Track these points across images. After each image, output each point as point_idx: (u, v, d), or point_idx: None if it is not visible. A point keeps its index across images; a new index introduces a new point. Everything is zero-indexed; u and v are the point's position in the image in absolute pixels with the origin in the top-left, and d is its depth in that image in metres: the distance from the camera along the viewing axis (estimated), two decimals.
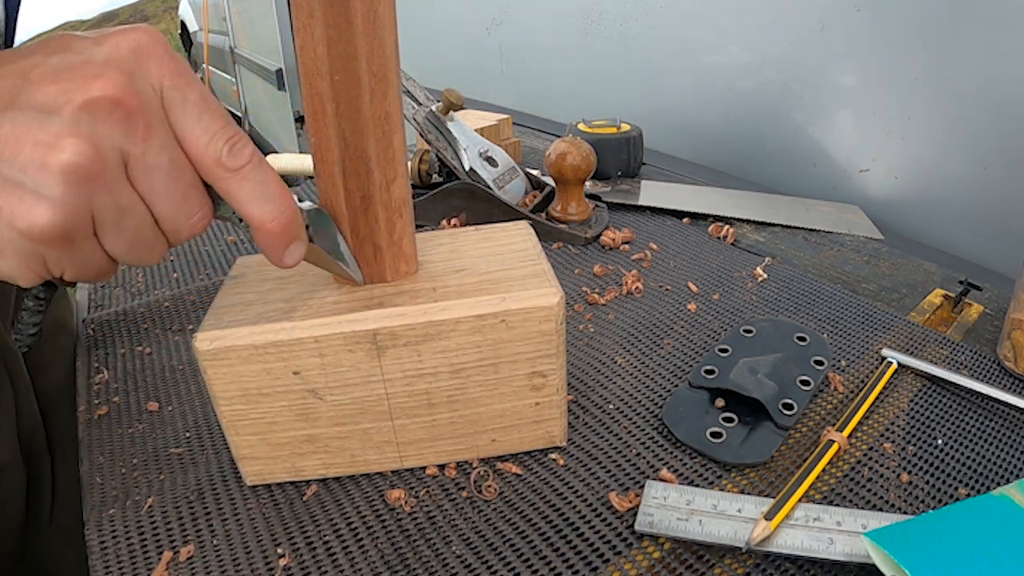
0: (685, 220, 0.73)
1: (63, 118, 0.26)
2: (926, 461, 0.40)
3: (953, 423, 0.43)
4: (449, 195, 0.71)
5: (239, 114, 3.19)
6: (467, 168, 0.70)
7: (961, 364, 0.49)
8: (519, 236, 0.42)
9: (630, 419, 0.44)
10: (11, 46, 0.50)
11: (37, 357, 0.59)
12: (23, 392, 0.56)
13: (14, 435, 0.54)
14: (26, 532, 0.55)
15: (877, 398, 0.45)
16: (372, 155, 0.35)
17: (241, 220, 0.31)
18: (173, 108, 0.28)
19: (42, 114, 0.26)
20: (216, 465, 0.43)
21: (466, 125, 0.73)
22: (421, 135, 0.72)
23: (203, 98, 0.28)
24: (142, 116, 0.27)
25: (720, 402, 0.44)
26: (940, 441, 0.42)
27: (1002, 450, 0.41)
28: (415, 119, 0.71)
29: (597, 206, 0.73)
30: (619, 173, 0.85)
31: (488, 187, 0.69)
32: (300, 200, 0.33)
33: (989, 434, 0.42)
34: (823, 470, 0.39)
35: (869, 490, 0.38)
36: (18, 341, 0.33)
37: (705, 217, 0.73)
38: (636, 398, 0.46)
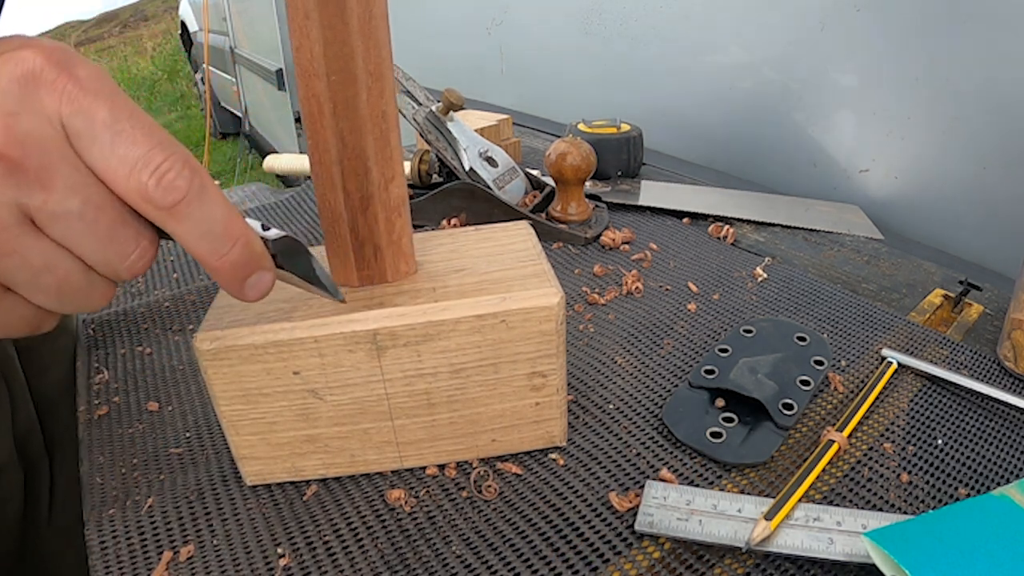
0: (685, 220, 0.73)
1: None
2: (926, 461, 0.40)
3: (953, 423, 0.43)
4: (449, 195, 0.71)
5: (239, 114, 3.19)
6: (467, 168, 0.70)
7: (961, 364, 0.49)
8: (519, 236, 0.42)
9: (630, 419, 0.44)
10: None
11: (35, 358, 0.59)
12: (19, 393, 0.56)
13: (10, 436, 0.54)
14: (25, 532, 0.55)
15: (877, 398, 0.45)
16: (370, 154, 0.35)
17: None
18: (80, 139, 0.23)
19: None
20: (216, 465, 0.43)
21: (466, 125, 0.73)
22: (421, 135, 0.72)
23: (116, 118, 0.23)
24: (32, 162, 0.23)
25: (720, 402, 0.44)
26: (940, 441, 0.42)
27: (1002, 450, 0.41)
28: (415, 119, 0.71)
29: (597, 206, 0.73)
30: (619, 173, 0.85)
31: (488, 187, 0.69)
32: (266, 228, 0.30)
33: (989, 434, 0.42)
34: (823, 470, 0.39)
35: (869, 490, 0.38)
36: None
37: (705, 217, 0.73)
38: (636, 398, 0.46)
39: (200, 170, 0.25)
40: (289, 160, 0.92)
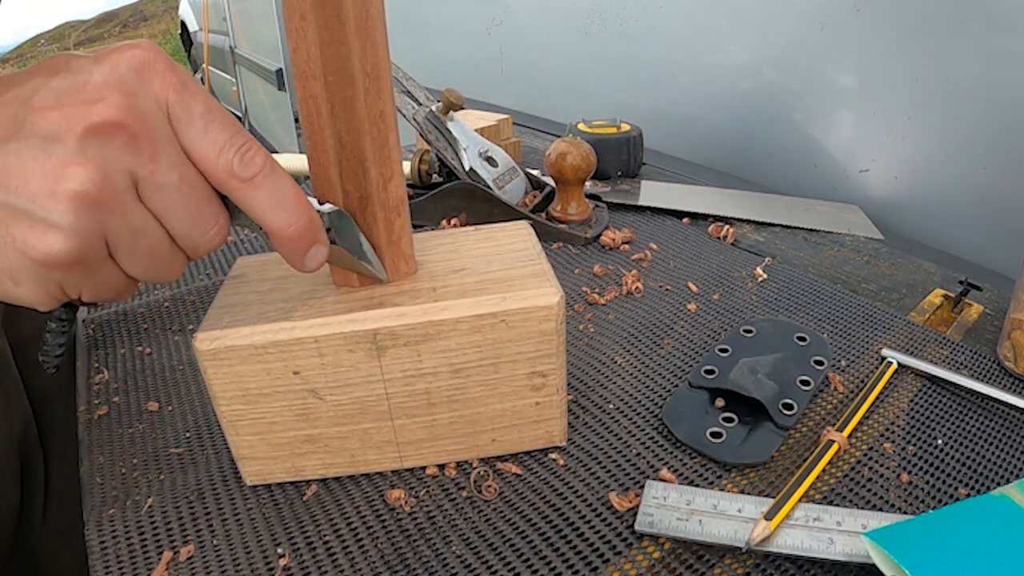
0: (685, 220, 0.73)
1: (67, 146, 0.26)
2: (926, 461, 0.40)
3: (953, 423, 0.43)
4: (449, 195, 0.71)
5: (239, 114, 3.20)
6: (467, 168, 0.70)
7: (961, 364, 0.49)
8: (519, 236, 0.42)
9: (630, 419, 0.44)
10: None
11: (29, 355, 0.59)
12: (13, 391, 0.56)
13: (7, 432, 0.54)
14: (19, 529, 0.56)
15: (877, 398, 0.45)
16: (369, 154, 0.35)
17: (261, 228, 0.31)
18: (180, 123, 0.28)
19: (47, 142, 0.26)
20: (216, 465, 0.43)
21: (466, 125, 0.73)
22: (421, 135, 0.72)
23: (209, 109, 0.28)
24: (147, 136, 0.27)
25: (720, 402, 0.44)
26: (940, 441, 0.42)
27: (1002, 450, 0.41)
28: (415, 119, 0.71)
29: (597, 206, 0.73)
30: (619, 173, 0.85)
31: (488, 187, 0.69)
32: (320, 203, 0.33)
33: (989, 434, 0.42)
34: (823, 470, 0.39)
35: (869, 490, 0.38)
36: (45, 363, 0.33)
37: (705, 217, 0.73)
38: (636, 398, 0.46)
39: (270, 155, 0.30)
40: (289, 160, 0.92)
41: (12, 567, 0.55)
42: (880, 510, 0.37)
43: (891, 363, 0.47)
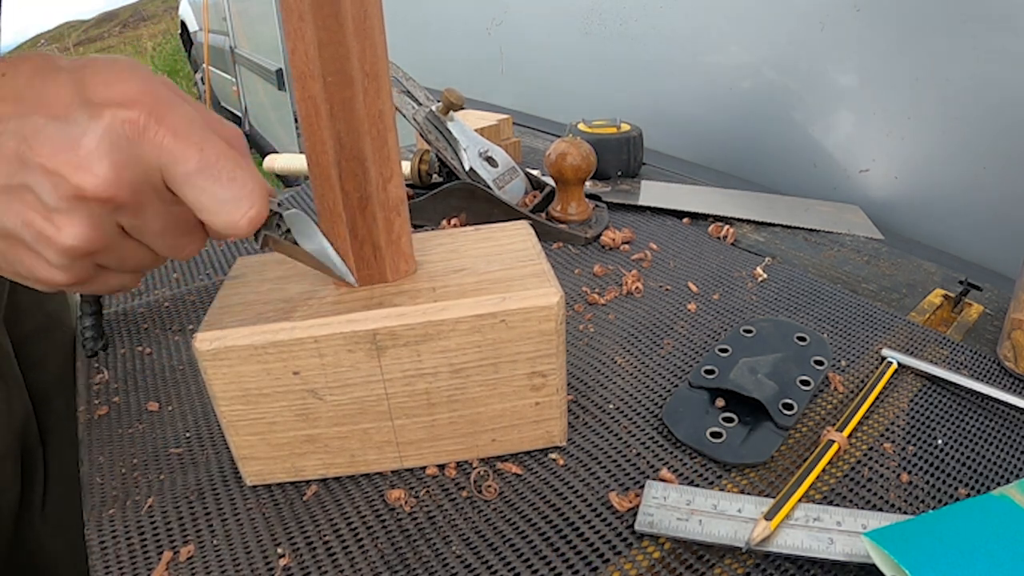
0: (685, 220, 0.73)
1: (61, 205, 0.28)
2: (926, 461, 0.40)
3: (953, 423, 0.43)
4: (449, 195, 0.71)
5: (239, 114, 3.19)
6: (467, 168, 0.70)
7: (961, 364, 0.49)
8: (519, 236, 0.42)
9: (630, 419, 0.44)
10: None
11: (31, 352, 0.59)
12: (14, 387, 0.56)
13: (7, 427, 0.54)
14: (19, 522, 0.56)
15: (877, 398, 0.45)
16: (368, 155, 0.35)
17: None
18: (174, 181, 0.30)
19: (45, 193, 0.28)
20: (216, 465, 0.43)
21: (466, 125, 0.73)
22: (421, 135, 0.72)
23: (204, 165, 0.29)
24: (133, 200, 0.29)
25: (720, 402, 0.44)
26: (940, 441, 0.42)
27: (1002, 450, 0.41)
28: (415, 119, 0.71)
29: (597, 206, 0.73)
30: (619, 173, 0.85)
31: (488, 187, 0.69)
32: (284, 208, 0.34)
33: (989, 434, 0.42)
34: (823, 470, 0.39)
35: (869, 490, 0.38)
36: (85, 346, 0.39)
37: (705, 217, 0.73)
38: (636, 398, 0.46)
39: (263, 188, 0.31)
40: (289, 160, 0.92)
41: (11, 559, 0.56)
42: (880, 510, 0.37)
43: (891, 363, 0.47)
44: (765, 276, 0.61)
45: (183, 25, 4.68)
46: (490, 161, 0.72)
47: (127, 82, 0.29)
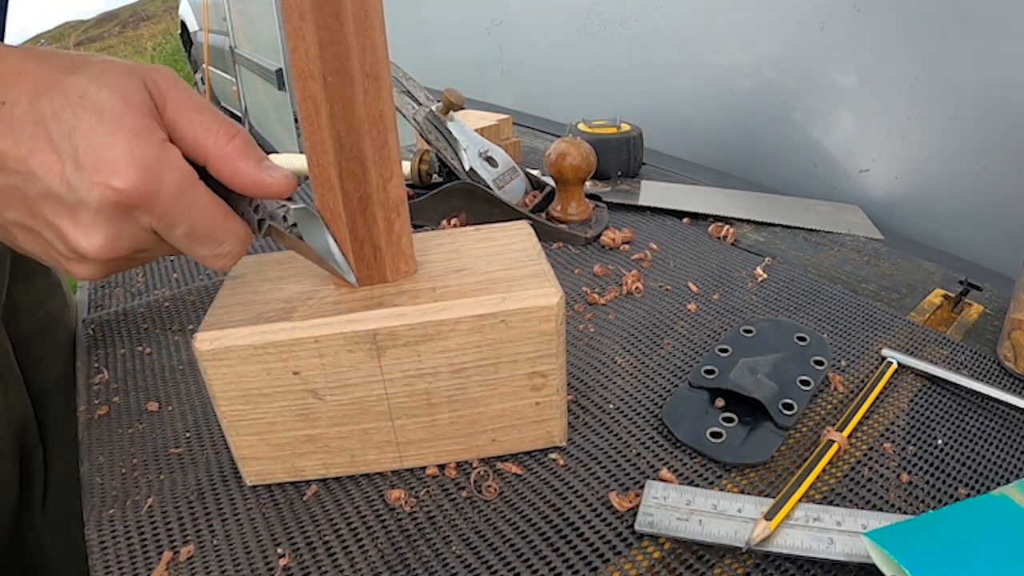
0: (685, 220, 0.73)
1: (68, 254, 0.31)
2: (926, 461, 0.40)
3: (953, 423, 0.43)
4: (449, 195, 0.71)
5: (239, 114, 3.19)
6: (467, 168, 0.70)
7: (961, 364, 0.49)
8: (519, 236, 0.42)
9: (630, 419, 0.44)
10: (1, 40, 0.51)
11: (32, 351, 0.59)
12: (15, 384, 0.56)
13: (7, 425, 0.54)
14: (19, 520, 0.56)
15: (877, 398, 0.45)
16: (368, 155, 0.35)
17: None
18: (167, 237, 0.32)
19: (53, 240, 0.31)
20: (216, 465, 0.43)
21: (466, 125, 0.73)
22: (421, 135, 0.72)
23: (190, 232, 0.32)
24: (129, 252, 0.32)
25: (720, 402, 0.44)
26: (940, 441, 0.42)
27: (1002, 450, 0.41)
28: (415, 119, 0.71)
29: (597, 206, 0.73)
30: (619, 173, 0.85)
31: (488, 187, 0.69)
32: (294, 202, 0.35)
33: (989, 434, 0.42)
34: (823, 470, 0.39)
35: (869, 490, 0.38)
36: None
37: (705, 217, 0.73)
38: (636, 398, 0.46)
39: (241, 242, 0.34)
40: (289, 160, 0.92)
41: (11, 557, 0.56)
42: (880, 510, 0.37)
43: (891, 363, 0.47)
44: (765, 276, 0.61)
45: (183, 25, 4.68)
46: (490, 161, 0.72)
47: (116, 147, 0.29)
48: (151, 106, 0.30)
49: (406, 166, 0.75)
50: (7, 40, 0.52)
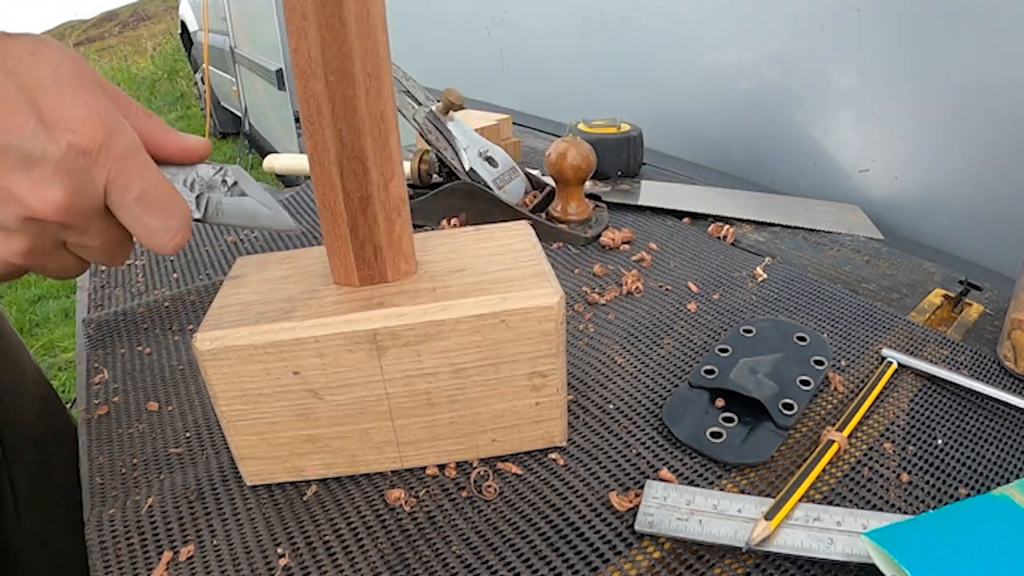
0: (685, 220, 0.73)
1: (9, 223, 0.30)
2: (926, 461, 0.40)
3: (953, 423, 0.43)
4: (449, 195, 0.71)
5: (239, 114, 3.19)
6: (467, 168, 0.70)
7: (961, 364, 0.49)
8: (519, 236, 0.42)
9: (630, 419, 0.44)
10: None
11: None
12: None
13: None
14: None
15: (877, 398, 0.45)
16: (369, 154, 0.35)
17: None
18: (115, 205, 0.32)
19: None
20: (216, 465, 0.43)
21: (466, 125, 0.73)
22: (421, 135, 0.72)
23: (142, 194, 0.32)
24: (79, 221, 0.31)
25: (720, 402, 0.44)
26: (940, 441, 0.42)
27: (1002, 450, 0.41)
28: (415, 119, 0.71)
29: (597, 206, 0.73)
30: (619, 173, 0.85)
31: (488, 187, 0.69)
32: (217, 171, 0.36)
33: (989, 434, 0.42)
34: (823, 470, 0.39)
35: (869, 490, 0.38)
36: None
37: (705, 217, 0.73)
38: (636, 398, 0.46)
39: (188, 221, 0.34)
40: (289, 160, 0.92)
41: None
42: (880, 510, 0.37)
43: (891, 363, 0.47)
44: (765, 276, 0.61)
45: (183, 25, 4.68)
46: (490, 161, 0.72)
47: (77, 101, 0.29)
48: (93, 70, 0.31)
49: (406, 166, 0.75)
50: None
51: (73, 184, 0.29)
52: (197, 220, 0.36)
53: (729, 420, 0.43)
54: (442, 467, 0.41)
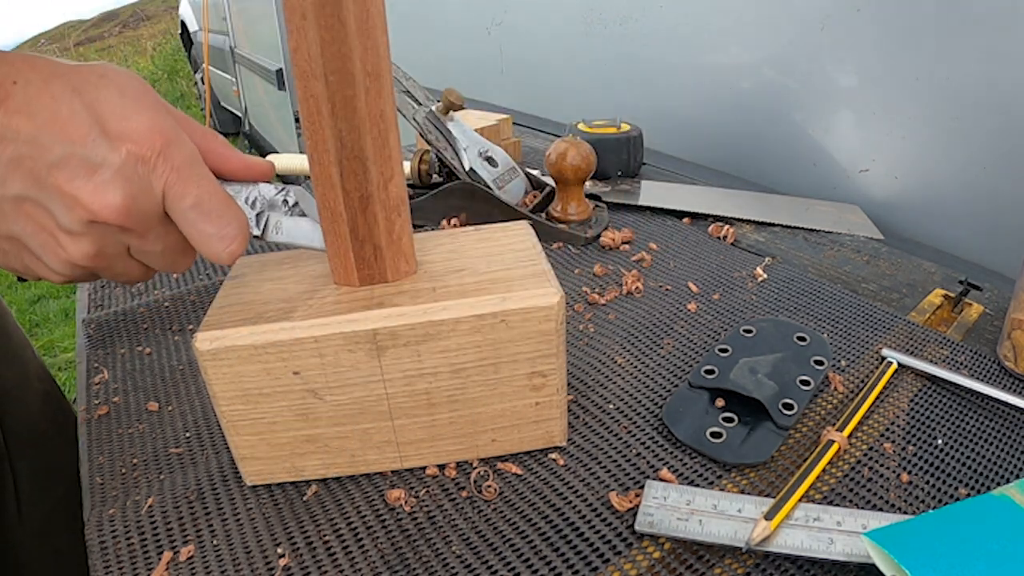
0: (685, 220, 0.73)
1: (73, 226, 0.31)
2: (926, 461, 0.40)
3: (953, 423, 0.43)
4: (449, 195, 0.71)
5: (239, 114, 3.19)
6: (467, 168, 0.70)
7: (961, 364, 0.49)
8: (519, 236, 0.42)
9: (630, 419, 0.44)
10: None
11: None
12: None
13: None
14: None
15: (877, 398, 0.45)
16: (369, 154, 0.35)
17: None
18: (173, 211, 0.33)
19: (59, 213, 0.31)
20: (216, 465, 0.43)
21: (466, 125, 0.73)
22: (421, 135, 0.72)
23: (198, 201, 0.33)
24: (139, 226, 0.32)
25: (720, 402, 0.44)
26: (940, 441, 0.42)
27: (1002, 450, 0.41)
28: (415, 119, 0.71)
29: (597, 206, 0.73)
30: (619, 173, 0.85)
31: (488, 187, 0.69)
32: (281, 192, 0.38)
33: (989, 434, 0.42)
34: (823, 470, 0.39)
35: (869, 490, 0.38)
36: None
37: (705, 217, 0.73)
38: (636, 398, 0.46)
39: (244, 230, 0.35)
40: (289, 160, 0.92)
41: None
42: (880, 510, 0.37)
43: (891, 363, 0.47)
44: (765, 276, 0.61)
45: (183, 25, 4.68)
46: (490, 161, 0.72)
47: (140, 115, 0.31)
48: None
49: (406, 166, 0.75)
50: (7, 40, 0.52)
51: (132, 189, 0.31)
52: (256, 237, 0.37)
53: (729, 420, 0.43)
54: (442, 467, 0.41)
